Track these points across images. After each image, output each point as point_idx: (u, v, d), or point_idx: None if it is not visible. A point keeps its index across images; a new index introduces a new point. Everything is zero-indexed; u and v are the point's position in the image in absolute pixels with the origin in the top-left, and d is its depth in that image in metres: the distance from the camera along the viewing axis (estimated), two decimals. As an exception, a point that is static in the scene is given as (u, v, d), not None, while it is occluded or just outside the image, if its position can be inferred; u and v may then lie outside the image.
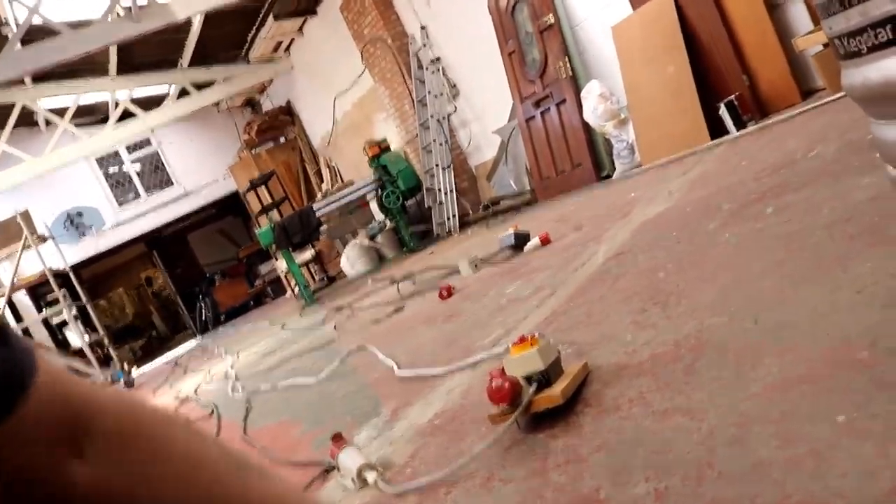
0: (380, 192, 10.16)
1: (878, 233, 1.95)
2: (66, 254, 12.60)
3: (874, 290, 1.59)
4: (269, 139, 15.41)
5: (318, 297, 9.74)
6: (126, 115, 12.81)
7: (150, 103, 13.16)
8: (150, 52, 11.66)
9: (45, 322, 13.55)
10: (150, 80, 12.83)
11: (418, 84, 9.88)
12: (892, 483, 0.99)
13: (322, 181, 14.31)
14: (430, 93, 9.73)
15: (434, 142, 9.73)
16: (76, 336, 12.33)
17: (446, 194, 9.63)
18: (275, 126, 15.29)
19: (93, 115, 13.99)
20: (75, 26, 8.24)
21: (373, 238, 10.81)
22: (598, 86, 6.80)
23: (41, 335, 13.46)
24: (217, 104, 15.42)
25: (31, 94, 11.68)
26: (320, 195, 12.69)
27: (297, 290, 10.89)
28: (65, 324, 13.60)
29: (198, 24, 11.04)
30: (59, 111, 12.41)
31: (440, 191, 9.69)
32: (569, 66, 7.36)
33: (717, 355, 1.67)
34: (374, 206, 10.51)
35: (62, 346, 13.77)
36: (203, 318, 18.00)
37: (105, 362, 11.97)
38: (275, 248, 10.19)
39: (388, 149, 10.26)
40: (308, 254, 12.67)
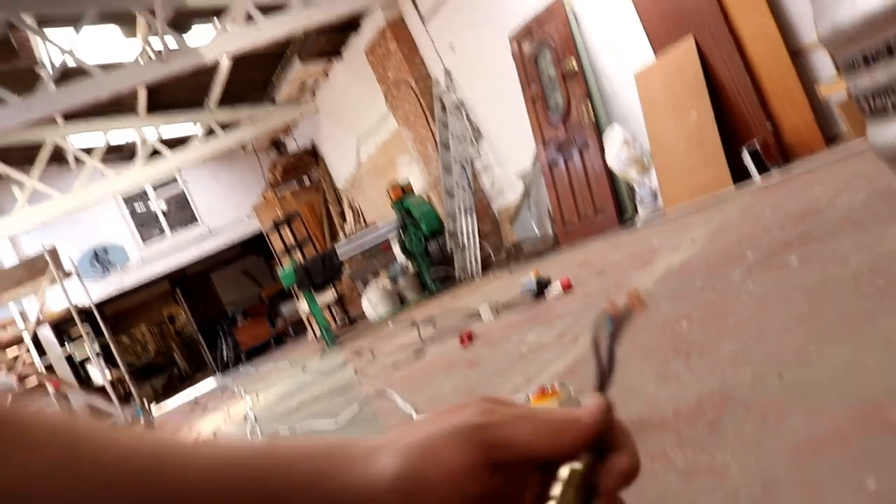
0: (402, 234, 10.18)
1: (906, 287, 1.91)
2: (91, 290, 12.69)
3: (903, 348, 1.55)
4: (293, 180, 15.58)
5: (339, 339, 9.73)
6: (154, 154, 13.02)
7: (177, 143, 13.41)
8: (178, 93, 11.89)
9: (68, 358, 13.63)
10: (177, 120, 13.08)
11: (442, 127, 9.95)
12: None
13: (345, 223, 14.40)
14: (453, 136, 9.79)
15: (457, 185, 9.76)
16: (98, 372, 12.38)
17: (469, 238, 9.64)
18: (299, 167, 15.46)
19: (121, 154, 14.25)
20: (107, 68, 8.42)
21: (394, 280, 10.81)
22: (620, 131, 6.81)
23: (64, 371, 13.51)
24: (243, 145, 15.63)
25: (61, 132, 11.95)
26: (343, 237, 12.76)
27: (318, 331, 10.88)
28: (87, 360, 13.68)
29: (225, 66, 11.26)
30: (89, 149, 12.66)
31: (462, 234, 9.69)
32: (591, 111, 7.39)
33: (741, 412, 1.64)
34: (396, 248, 10.53)
35: (84, 382, 13.82)
36: (224, 357, 18.04)
37: (126, 399, 11.99)
38: (297, 288, 10.21)
39: (411, 191, 10.30)
40: (330, 295, 12.67)
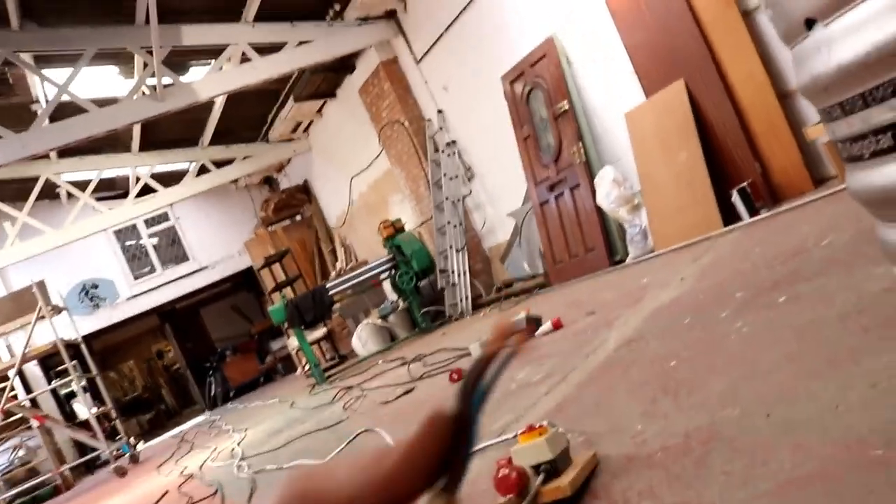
0: (393, 272, 10.19)
1: (892, 325, 1.93)
2: (79, 324, 12.59)
3: (889, 386, 1.56)
4: (285, 217, 15.60)
5: (329, 376, 9.67)
6: (146, 189, 13.04)
7: (170, 179, 13.42)
8: (172, 130, 11.96)
9: (53, 392, 13.47)
10: (171, 157, 13.15)
11: (434, 166, 10.02)
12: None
13: (336, 260, 14.40)
14: (445, 175, 9.85)
15: (448, 223, 9.80)
16: (83, 408, 12.25)
17: (460, 276, 9.65)
18: (291, 204, 15.49)
19: (113, 190, 14.27)
20: (102, 104, 8.47)
21: (385, 318, 10.79)
22: (611, 171, 6.86)
23: (49, 406, 13.36)
24: (235, 181, 15.67)
25: (54, 167, 11.97)
26: (334, 274, 12.75)
27: (307, 367, 10.82)
28: (73, 395, 13.53)
29: (220, 104, 11.35)
30: (81, 184, 12.67)
31: (454, 272, 9.71)
32: (583, 151, 7.46)
33: (729, 449, 1.64)
34: (387, 285, 10.50)
35: (69, 417, 13.67)
36: (213, 393, 17.88)
37: (111, 435, 11.85)
38: (287, 325, 10.17)
39: (402, 229, 10.33)
40: (320, 332, 12.62)
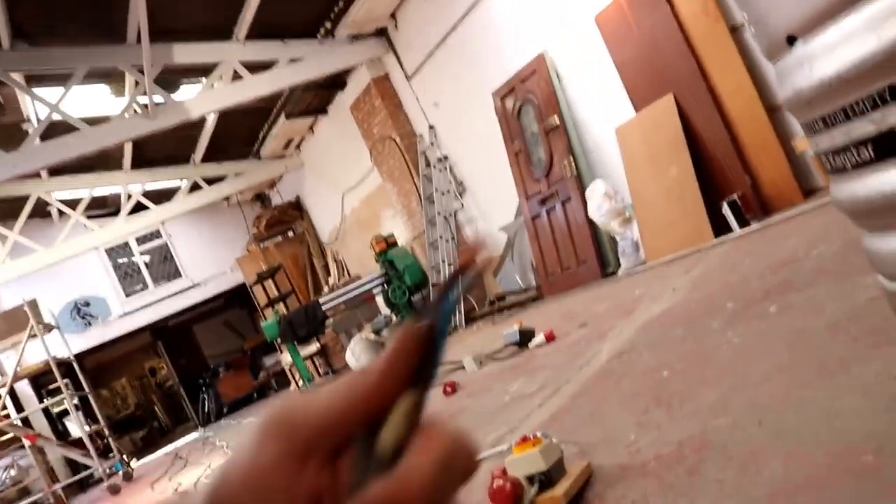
0: (386, 286, 10.19)
1: (880, 334, 1.94)
2: (72, 342, 12.51)
3: (878, 393, 1.58)
4: (277, 233, 15.58)
5: (322, 391, 9.61)
6: (138, 207, 13.02)
7: (162, 196, 13.41)
8: (164, 148, 11.94)
9: (45, 411, 13.39)
10: (162, 175, 13.12)
11: (426, 181, 10.04)
12: None
13: (329, 275, 14.39)
14: (437, 190, 9.88)
15: (441, 238, 9.81)
16: (76, 426, 12.17)
17: (452, 289, 9.63)
18: (284, 220, 15.48)
19: (105, 208, 14.22)
20: (93, 122, 8.46)
21: (378, 332, 10.77)
22: (602, 185, 6.90)
23: (41, 424, 13.27)
24: (227, 198, 15.66)
25: (45, 186, 11.93)
26: (327, 289, 12.74)
27: (301, 383, 10.79)
28: (65, 413, 13.44)
29: (211, 121, 11.35)
30: (72, 203, 12.64)
31: (446, 286, 9.68)
32: (574, 165, 7.49)
33: (721, 458, 1.65)
34: (380, 300, 10.49)
35: (61, 435, 13.58)
36: (206, 409, 17.78)
37: (104, 453, 11.76)
38: (280, 340, 10.15)
39: (394, 244, 10.33)
40: (313, 347, 12.59)
